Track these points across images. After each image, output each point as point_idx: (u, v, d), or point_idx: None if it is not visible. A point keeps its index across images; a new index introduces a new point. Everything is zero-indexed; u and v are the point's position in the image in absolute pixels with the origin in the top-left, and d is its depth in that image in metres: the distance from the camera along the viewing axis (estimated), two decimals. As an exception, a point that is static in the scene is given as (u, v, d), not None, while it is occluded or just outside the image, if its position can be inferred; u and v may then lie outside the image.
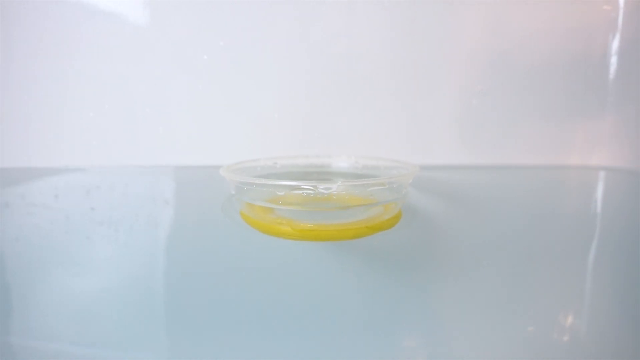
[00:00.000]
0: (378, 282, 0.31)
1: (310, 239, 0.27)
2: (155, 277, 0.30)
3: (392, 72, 0.41)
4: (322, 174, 0.39)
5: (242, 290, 0.28)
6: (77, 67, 0.39)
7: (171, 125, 0.40)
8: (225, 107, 0.41)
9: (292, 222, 0.28)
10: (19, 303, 0.22)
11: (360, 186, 0.27)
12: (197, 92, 0.40)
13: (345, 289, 0.31)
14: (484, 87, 0.41)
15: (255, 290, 0.27)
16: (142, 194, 0.38)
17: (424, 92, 0.41)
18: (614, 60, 0.40)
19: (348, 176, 0.38)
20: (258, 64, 0.40)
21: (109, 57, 0.39)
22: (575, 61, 0.40)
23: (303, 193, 0.27)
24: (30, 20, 0.38)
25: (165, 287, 0.28)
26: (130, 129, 0.40)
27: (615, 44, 0.39)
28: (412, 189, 0.36)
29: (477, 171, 0.42)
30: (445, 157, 0.42)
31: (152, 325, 0.21)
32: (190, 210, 0.38)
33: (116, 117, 0.40)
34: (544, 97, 0.41)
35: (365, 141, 0.42)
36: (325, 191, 0.27)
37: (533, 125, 0.42)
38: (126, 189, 0.38)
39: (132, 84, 0.40)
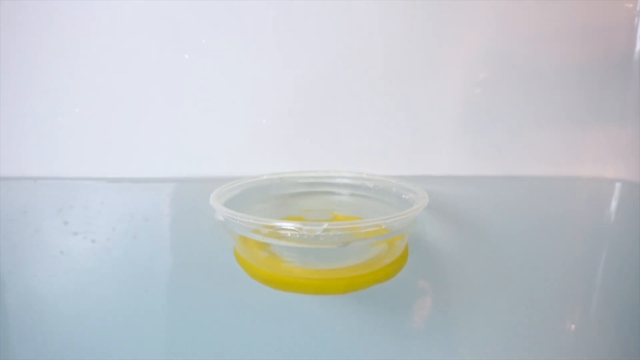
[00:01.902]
0: (376, 331, 0.29)
1: (297, 291, 0.25)
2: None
3: (390, 74, 0.37)
4: (329, 185, 0.36)
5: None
6: (44, 69, 0.35)
7: (147, 132, 0.37)
8: (208, 111, 0.37)
9: (277, 265, 0.25)
10: None
11: (352, 229, 0.24)
12: (176, 95, 0.36)
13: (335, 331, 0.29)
14: (485, 87, 0.37)
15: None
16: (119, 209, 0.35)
17: (424, 96, 0.37)
18: (636, 62, 0.36)
19: (356, 191, 0.35)
20: (244, 64, 0.36)
21: (79, 56, 0.35)
22: (594, 63, 0.36)
23: (288, 234, 0.25)
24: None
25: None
26: (102, 136, 0.36)
27: (639, 45, 0.35)
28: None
29: (481, 182, 0.39)
30: (447, 167, 0.38)
31: None
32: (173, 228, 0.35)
33: (86, 122, 0.36)
34: (556, 101, 0.38)
35: (359, 148, 0.38)
36: (308, 234, 0.24)
37: (543, 131, 0.38)
38: (102, 206, 0.35)
39: (103, 85, 0.36)
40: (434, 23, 0.36)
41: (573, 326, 0.34)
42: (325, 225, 0.23)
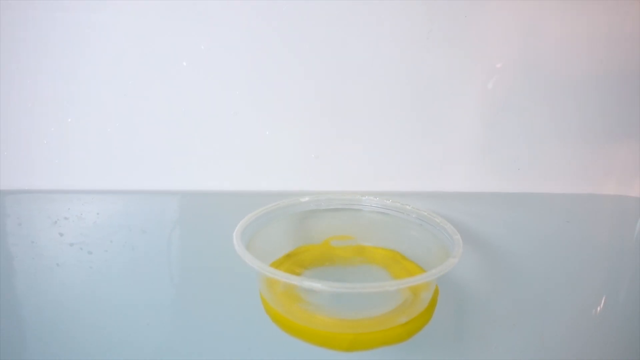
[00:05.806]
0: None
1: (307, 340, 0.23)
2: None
3: (403, 82, 0.34)
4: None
5: None
6: (38, 81, 0.32)
7: (145, 143, 0.34)
8: (207, 123, 0.34)
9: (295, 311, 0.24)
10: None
11: (355, 294, 0.22)
12: (174, 104, 0.34)
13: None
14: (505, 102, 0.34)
15: None
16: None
17: (440, 108, 0.34)
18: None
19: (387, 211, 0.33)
20: (245, 72, 0.33)
21: (72, 63, 0.32)
22: (619, 73, 0.33)
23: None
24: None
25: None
26: (95, 147, 0.34)
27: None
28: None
29: (498, 199, 0.36)
30: (463, 183, 0.36)
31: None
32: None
33: (79, 133, 0.34)
34: (579, 113, 0.34)
35: (368, 163, 0.36)
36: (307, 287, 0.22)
37: (565, 146, 0.36)
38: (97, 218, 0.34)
39: (96, 94, 0.33)
40: (453, 37, 0.32)
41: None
42: (320, 284, 0.22)
